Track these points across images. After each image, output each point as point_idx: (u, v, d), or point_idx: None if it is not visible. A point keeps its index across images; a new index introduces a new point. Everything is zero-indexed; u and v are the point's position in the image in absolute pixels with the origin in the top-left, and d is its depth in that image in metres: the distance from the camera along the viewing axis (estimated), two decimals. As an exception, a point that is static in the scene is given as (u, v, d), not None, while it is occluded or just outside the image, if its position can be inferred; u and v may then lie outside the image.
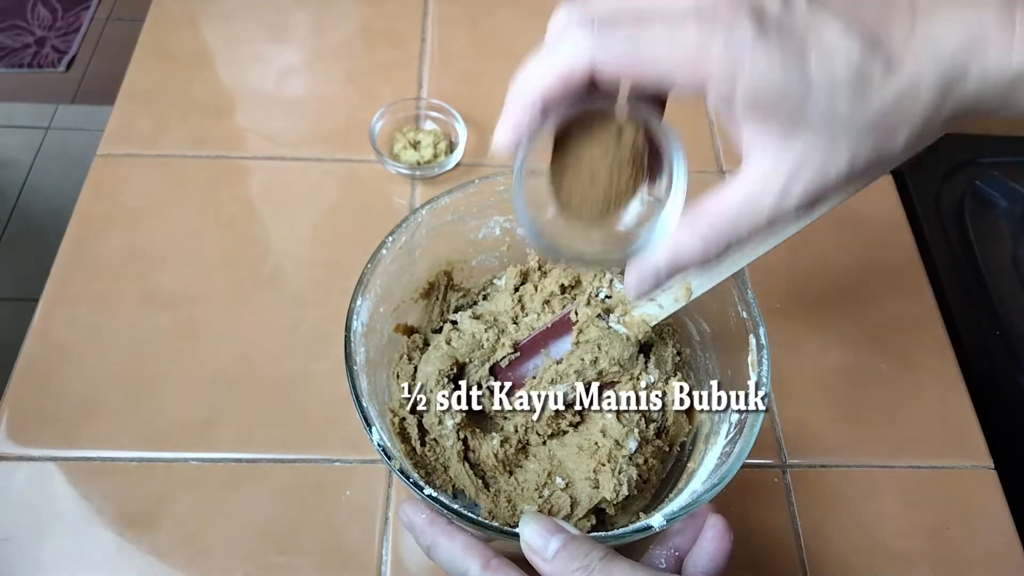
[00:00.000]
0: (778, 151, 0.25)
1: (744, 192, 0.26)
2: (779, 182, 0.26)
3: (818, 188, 0.26)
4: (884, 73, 0.24)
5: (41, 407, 0.51)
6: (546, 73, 0.25)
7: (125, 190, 0.62)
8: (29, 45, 1.72)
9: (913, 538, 0.50)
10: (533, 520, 0.33)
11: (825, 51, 0.24)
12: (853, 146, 0.25)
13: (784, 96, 0.24)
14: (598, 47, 0.24)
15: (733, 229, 0.27)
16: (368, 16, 0.76)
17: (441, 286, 0.49)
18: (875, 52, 0.24)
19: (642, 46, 0.24)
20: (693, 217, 0.27)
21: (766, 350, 0.39)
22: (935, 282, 0.61)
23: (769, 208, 0.26)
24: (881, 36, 0.24)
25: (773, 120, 0.25)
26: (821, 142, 0.25)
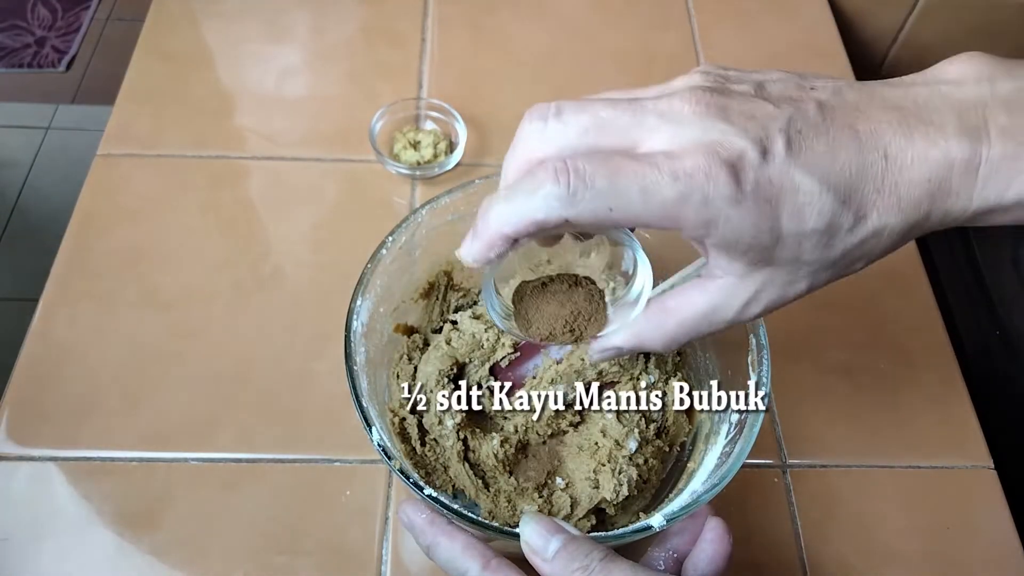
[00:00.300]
0: (743, 278, 0.27)
1: (709, 303, 0.28)
2: (741, 300, 0.28)
3: (776, 306, 0.28)
4: (852, 225, 0.25)
5: (41, 407, 0.51)
6: (519, 221, 0.25)
7: (125, 190, 0.62)
8: (29, 45, 1.72)
9: (913, 538, 0.50)
10: (533, 520, 0.33)
11: (799, 206, 0.25)
12: (812, 277, 0.27)
13: (754, 245, 0.25)
14: (572, 206, 0.24)
15: (694, 331, 0.29)
16: (368, 16, 0.76)
17: (441, 286, 0.49)
18: (847, 206, 0.25)
19: (616, 203, 0.24)
20: (660, 313, 0.30)
21: (766, 350, 0.39)
22: (935, 282, 0.61)
23: (728, 320, 0.29)
24: (853, 191, 0.25)
25: (742, 259, 0.26)
26: (783, 275, 0.27)
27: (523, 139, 0.26)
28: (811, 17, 0.79)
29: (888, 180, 0.25)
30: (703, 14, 0.78)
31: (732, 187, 0.24)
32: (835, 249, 0.26)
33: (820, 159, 0.25)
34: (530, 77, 0.71)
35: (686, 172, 0.24)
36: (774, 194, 0.24)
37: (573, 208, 0.24)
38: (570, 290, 0.30)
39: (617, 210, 0.24)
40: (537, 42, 0.74)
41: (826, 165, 0.25)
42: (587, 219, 0.24)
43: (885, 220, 0.25)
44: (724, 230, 0.25)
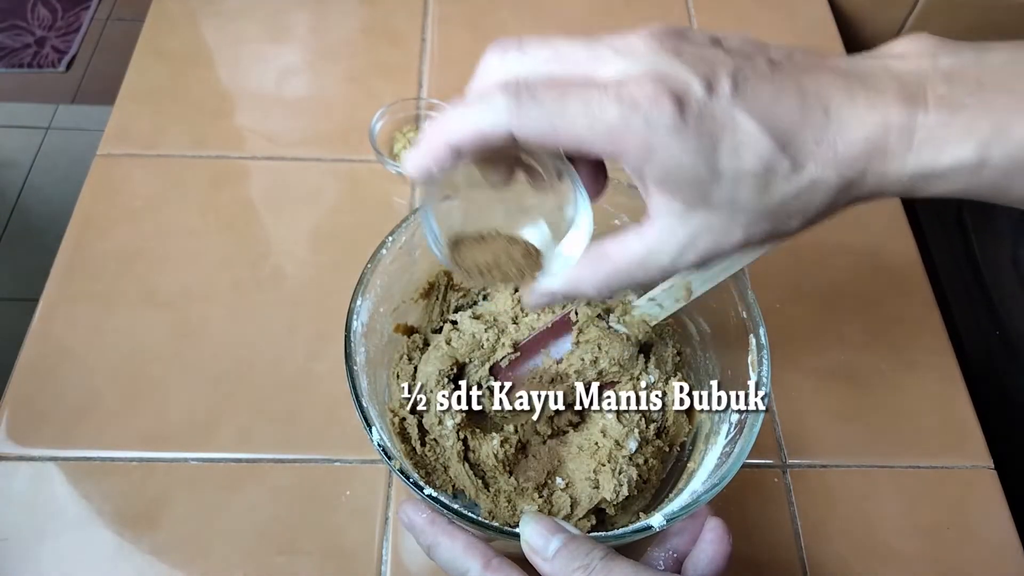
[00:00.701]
0: (680, 219, 0.27)
1: (644, 247, 0.28)
2: (676, 245, 0.28)
3: (711, 255, 0.28)
4: (788, 171, 0.26)
5: (41, 407, 0.51)
6: (465, 128, 0.25)
7: (125, 190, 0.62)
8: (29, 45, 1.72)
9: (913, 538, 0.50)
10: (533, 520, 0.33)
11: (737, 145, 0.25)
12: (748, 226, 0.28)
13: (692, 180, 0.26)
14: (518, 118, 0.25)
15: (629, 278, 0.29)
16: (368, 16, 0.76)
17: (441, 286, 0.49)
18: (784, 152, 0.25)
19: (560, 121, 0.25)
20: (596, 258, 0.30)
21: (766, 350, 0.39)
22: (935, 282, 0.61)
23: (663, 267, 0.29)
24: (793, 137, 0.25)
25: (679, 196, 0.27)
26: (720, 220, 0.27)
27: (484, 66, 0.28)
28: (811, 17, 0.79)
29: (827, 134, 0.26)
30: (703, 14, 0.78)
31: (675, 116, 0.24)
32: (771, 196, 0.26)
33: (763, 104, 0.25)
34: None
35: (631, 97, 0.24)
36: (715, 129, 0.25)
37: (518, 119, 0.25)
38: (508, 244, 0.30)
39: (561, 129, 0.25)
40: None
41: (768, 110, 0.25)
42: (532, 134, 0.25)
43: (821, 173, 0.26)
44: (663, 159, 0.25)
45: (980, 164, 0.25)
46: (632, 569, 0.31)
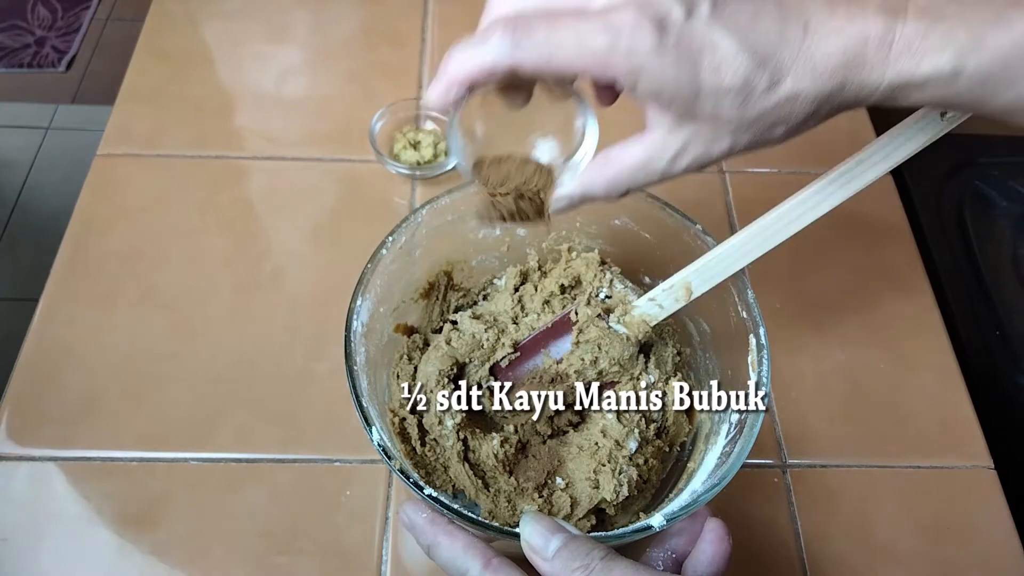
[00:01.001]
0: (671, 130, 0.30)
1: (643, 154, 0.31)
2: (670, 152, 0.31)
3: (703, 161, 0.31)
4: (767, 86, 0.28)
5: (41, 407, 0.51)
6: (471, 65, 0.28)
7: (125, 190, 0.62)
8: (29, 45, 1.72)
9: (913, 538, 0.50)
10: (533, 520, 0.33)
11: (716, 63, 0.27)
12: (734, 136, 0.30)
13: (676, 97, 0.28)
14: (516, 51, 0.27)
15: (632, 179, 0.32)
16: (368, 16, 0.76)
17: (441, 286, 0.49)
18: (762, 68, 0.27)
19: (554, 50, 0.27)
20: (604, 162, 0.33)
21: (766, 350, 0.39)
22: (935, 282, 0.61)
23: (661, 170, 0.32)
24: (770, 54, 0.27)
25: (668, 110, 0.29)
26: (706, 131, 0.30)
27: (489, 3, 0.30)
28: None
29: (805, 49, 0.27)
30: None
31: (655, 40, 0.26)
32: (752, 109, 0.28)
33: (741, 22, 0.27)
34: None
35: (615, 25, 0.27)
36: (694, 50, 0.27)
37: (518, 52, 0.27)
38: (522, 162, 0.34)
39: (555, 58, 0.27)
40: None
41: (746, 28, 0.27)
42: (530, 64, 0.27)
43: (800, 86, 0.27)
44: (648, 78, 0.27)
45: (956, 74, 0.27)
46: (632, 569, 0.31)
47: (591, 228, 0.48)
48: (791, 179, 0.66)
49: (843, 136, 0.68)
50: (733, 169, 0.67)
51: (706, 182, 0.66)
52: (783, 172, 0.66)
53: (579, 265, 0.46)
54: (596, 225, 0.48)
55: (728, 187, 0.66)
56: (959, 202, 0.68)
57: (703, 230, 0.43)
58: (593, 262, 0.46)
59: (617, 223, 0.47)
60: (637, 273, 0.47)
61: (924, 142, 0.33)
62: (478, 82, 0.29)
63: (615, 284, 0.44)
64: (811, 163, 0.65)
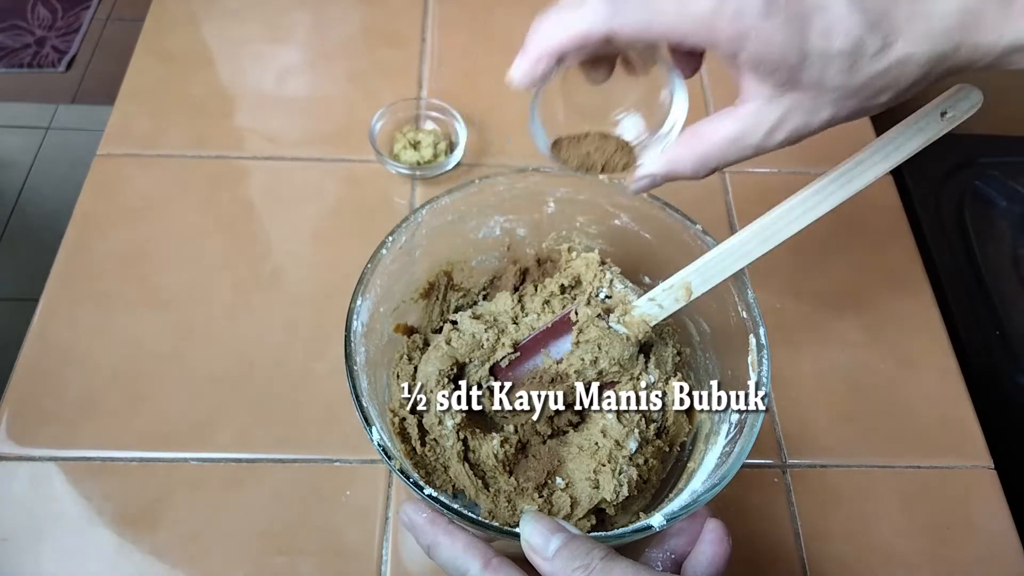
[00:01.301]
0: (770, 101, 0.28)
1: (737, 127, 0.29)
2: (767, 125, 0.29)
3: (801, 134, 0.29)
4: (879, 50, 0.26)
5: (41, 407, 0.51)
6: (564, 33, 0.26)
7: (125, 190, 0.62)
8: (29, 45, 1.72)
9: (913, 538, 0.50)
10: (533, 519, 0.33)
11: (827, 25, 0.25)
12: (837, 105, 0.28)
13: (782, 63, 0.26)
14: (614, 17, 0.25)
15: (723, 156, 0.30)
16: (368, 16, 0.76)
17: (441, 286, 0.49)
18: (875, 30, 0.25)
19: (654, 15, 0.25)
20: (692, 138, 0.30)
21: (766, 350, 0.39)
22: (935, 282, 0.61)
23: (755, 145, 0.29)
24: (884, 14, 0.25)
25: (770, 78, 0.27)
26: (808, 100, 0.28)
27: None
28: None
29: (921, 7, 0.25)
30: None
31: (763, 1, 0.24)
32: (859, 74, 0.26)
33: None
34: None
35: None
36: (805, 11, 0.25)
37: (616, 18, 0.25)
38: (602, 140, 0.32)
39: (656, 24, 0.25)
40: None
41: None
42: (628, 32, 0.25)
43: (912, 48, 0.26)
44: (754, 44, 0.25)
45: None
46: (633, 569, 0.31)
47: (591, 228, 0.48)
48: (791, 179, 0.66)
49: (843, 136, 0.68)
50: (733, 169, 0.67)
51: (706, 182, 0.65)
52: (783, 172, 0.67)
53: (579, 265, 0.46)
54: (596, 225, 0.48)
55: (728, 187, 0.66)
56: (959, 202, 0.68)
57: (703, 230, 0.43)
58: (593, 262, 0.46)
59: (617, 223, 0.47)
60: (637, 273, 0.47)
61: (924, 142, 0.33)
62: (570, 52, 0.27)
63: (615, 284, 0.44)
64: (811, 163, 0.65)
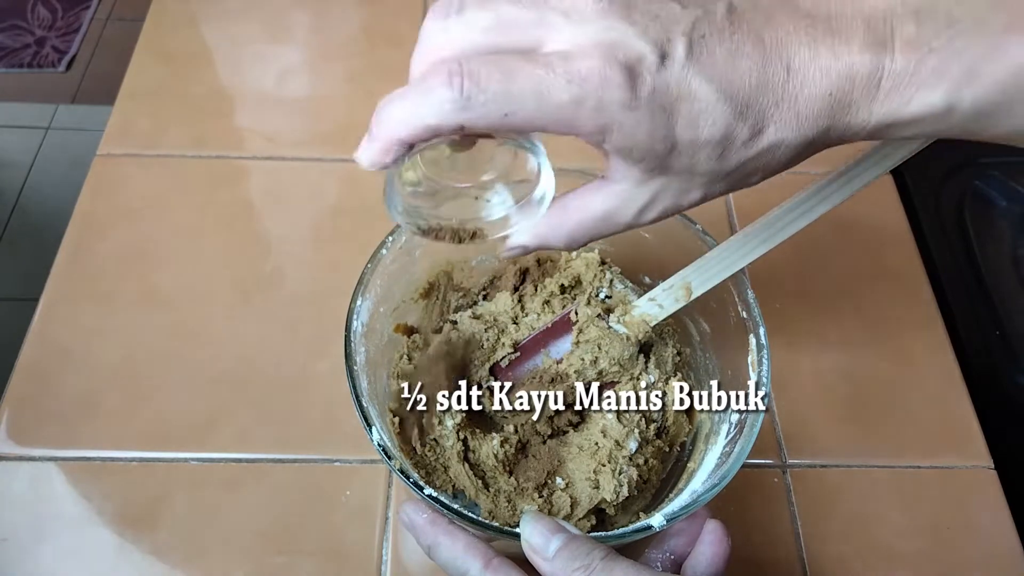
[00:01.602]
0: (639, 184, 0.27)
1: (607, 206, 0.29)
2: (637, 206, 0.28)
3: (672, 212, 0.29)
4: (748, 138, 0.25)
5: (41, 407, 0.51)
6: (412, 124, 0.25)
7: (125, 190, 0.62)
8: (29, 45, 1.72)
9: (913, 538, 0.50)
10: (534, 519, 0.33)
11: (694, 116, 0.24)
12: (707, 187, 0.28)
13: (649, 152, 0.25)
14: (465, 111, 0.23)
15: (593, 230, 0.30)
16: (368, 16, 0.76)
17: (441, 286, 0.49)
18: (743, 118, 0.25)
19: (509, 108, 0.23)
20: (562, 212, 0.30)
21: (766, 350, 0.39)
22: (935, 282, 0.61)
23: (627, 222, 0.29)
24: (751, 102, 0.24)
25: (638, 165, 0.26)
26: (678, 182, 0.27)
27: (425, 36, 0.26)
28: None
29: (788, 94, 0.24)
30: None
31: (627, 92, 0.23)
32: (729, 161, 0.26)
33: (720, 67, 0.24)
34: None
35: (581, 75, 0.23)
36: (670, 101, 0.24)
37: (467, 113, 0.24)
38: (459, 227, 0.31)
39: (512, 115, 0.24)
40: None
41: (726, 74, 0.24)
42: (482, 124, 0.24)
43: (782, 135, 0.25)
44: (618, 136, 0.24)
45: (949, 110, 0.24)
46: (633, 569, 0.31)
47: (591, 228, 0.48)
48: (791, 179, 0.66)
49: (843, 136, 0.68)
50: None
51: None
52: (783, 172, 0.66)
53: (579, 265, 0.46)
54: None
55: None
56: (959, 202, 0.68)
57: (703, 230, 0.43)
58: (593, 262, 0.46)
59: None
60: (637, 273, 0.47)
61: (924, 142, 0.33)
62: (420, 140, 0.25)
63: (615, 284, 0.44)
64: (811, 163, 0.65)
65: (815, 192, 0.35)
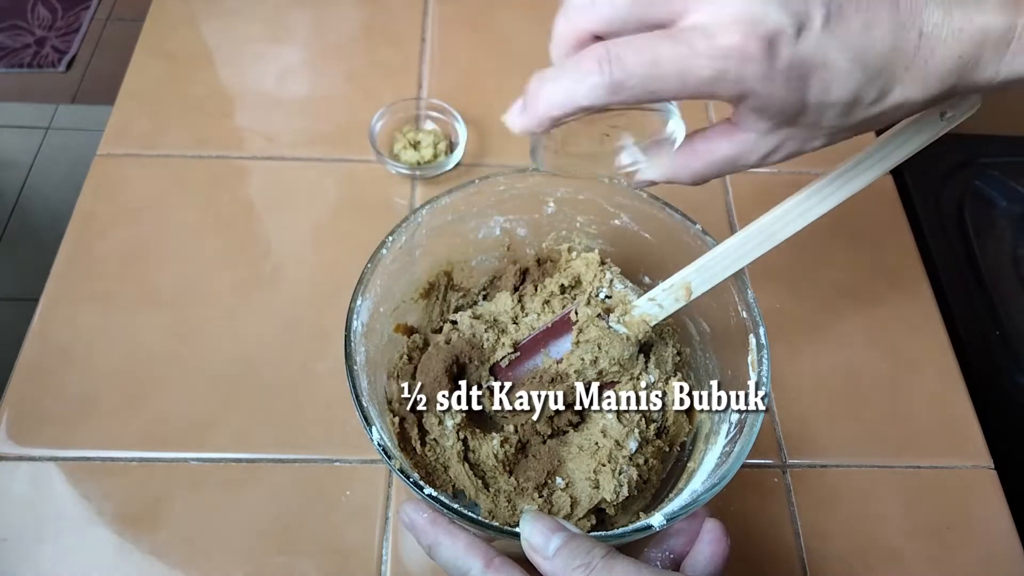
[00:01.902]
0: (766, 134, 0.29)
1: (733, 151, 0.31)
2: (764, 150, 0.30)
3: (794, 156, 0.31)
4: (875, 99, 0.27)
5: (41, 407, 0.51)
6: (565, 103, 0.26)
7: (125, 190, 0.62)
8: (29, 45, 1.72)
9: (913, 538, 0.50)
10: (534, 519, 0.33)
11: (827, 82, 0.26)
12: (830, 137, 0.30)
13: (781, 113, 0.27)
14: (612, 91, 0.25)
15: (719, 172, 0.32)
16: (368, 16, 0.76)
17: (441, 286, 0.49)
18: (873, 82, 0.26)
19: (656, 86, 0.25)
20: (689, 154, 0.32)
21: (766, 350, 0.39)
22: (935, 282, 0.61)
23: (751, 164, 0.31)
24: (883, 68, 0.26)
25: (768, 120, 0.29)
26: (803, 133, 0.29)
27: (571, 5, 0.27)
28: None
29: (919, 58, 0.26)
30: None
31: (765, 65, 0.25)
32: (853, 118, 0.28)
33: (855, 36, 0.25)
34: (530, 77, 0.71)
35: (722, 52, 0.25)
36: (805, 71, 0.25)
37: (617, 96, 0.26)
38: None
39: (656, 93, 0.26)
40: (537, 42, 0.73)
41: (860, 42, 0.25)
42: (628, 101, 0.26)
43: (908, 95, 0.27)
44: (753, 100, 0.26)
45: None
46: (634, 568, 0.31)
47: (591, 228, 0.48)
48: (791, 179, 0.66)
49: (843, 136, 0.68)
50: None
51: (706, 182, 0.66)
52: (783, 172, 0.67)
53: (579, 265, 0.46)
54: (596, 225, 0.48)
55: (728, 187, 0.66)
56: (959, 202, 0.68)
57: (703, 230, 0.43)
58: (593, 262, 0.46)
59: (617, 223, 0.47)
60: (637, 273, 0.47)
61: (923, 142, 0.33)
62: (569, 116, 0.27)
63: (615, 284, 0.44)
64: (811, 163, 0.65)
65: (815, 192, 0.35)
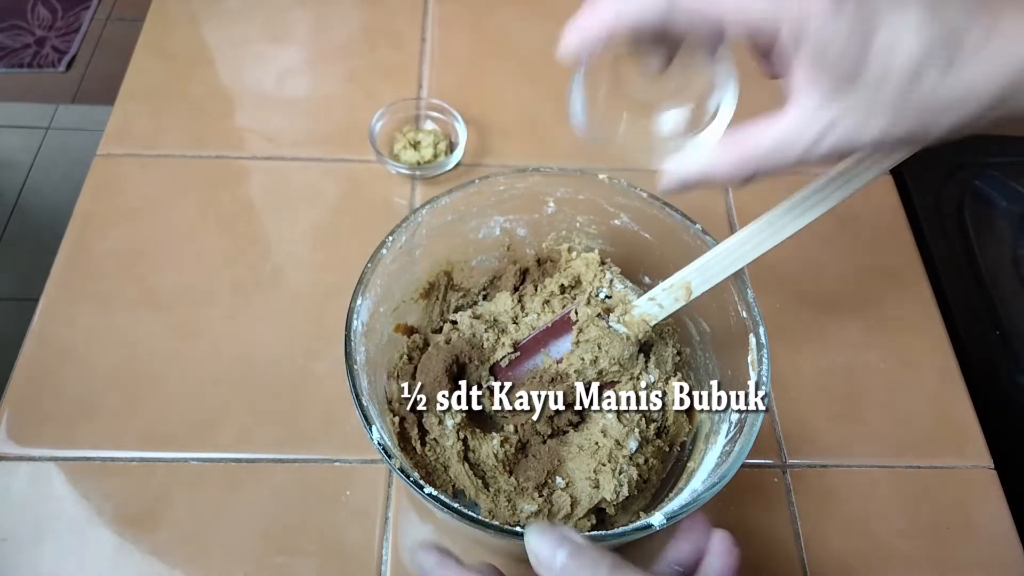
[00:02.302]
0: (821, 103, 0.26)
1: (781, 133, 0.28)
2: (814, 131, 0.27)
3: (847, 146, 0.27)
4: (943, 68, 0.25)
5: (41, 407, 0.51)
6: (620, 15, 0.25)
7: (125, 190, 0.62)
8: (29, 45, 1.72)
9: (913, 538, 0.50)
10: (538, 531, 0.32)
11: (892, 39, 0.24)
12: (889, 122, 0.26)
13: (840, 63, 0.25)
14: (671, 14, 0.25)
15: (763, 162, 0.28)
16: (368, 16, 0.76)
17: (441, 286, 0.49)
18: (941, 52, 0.24)
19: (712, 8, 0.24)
20: (732, 141, 0.29)
21: (766, 350, 0.39)
22: (935, 282, 0.61)
23: (799, 152, 0.28)
24: (955, 39, 0.24)
25: (825, 77, 0.26)
26: (861, 109, 0.26)
27: None
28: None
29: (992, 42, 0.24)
30: None
31: None
32: (915, 95, 0.25)
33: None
34: (530, 77, 0.71)
35: None
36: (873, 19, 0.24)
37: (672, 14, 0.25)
38: None
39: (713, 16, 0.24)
40: (537, 42, 0.74)
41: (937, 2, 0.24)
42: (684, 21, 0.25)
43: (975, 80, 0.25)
44: (817, 39, 0.24)
45: None
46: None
47: (591, 228, 0.48)
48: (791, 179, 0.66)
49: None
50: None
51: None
52: (783, 172, 0.66)
53: (579, 265, 0.46)
54: (596, 225, 0.48)
55: (728, 187, 0.66)
56: (959, 202, 0.68)
57: (703, 230, 0.43)
58: (593, 262, 0.46)
59: (617, 223, 0.47)
60: (637, 273, 0.47)
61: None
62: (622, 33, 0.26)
63: (615, 284, 0.44)
64: (811, 163, 0.65)
65: (815, 192, 0.35)
